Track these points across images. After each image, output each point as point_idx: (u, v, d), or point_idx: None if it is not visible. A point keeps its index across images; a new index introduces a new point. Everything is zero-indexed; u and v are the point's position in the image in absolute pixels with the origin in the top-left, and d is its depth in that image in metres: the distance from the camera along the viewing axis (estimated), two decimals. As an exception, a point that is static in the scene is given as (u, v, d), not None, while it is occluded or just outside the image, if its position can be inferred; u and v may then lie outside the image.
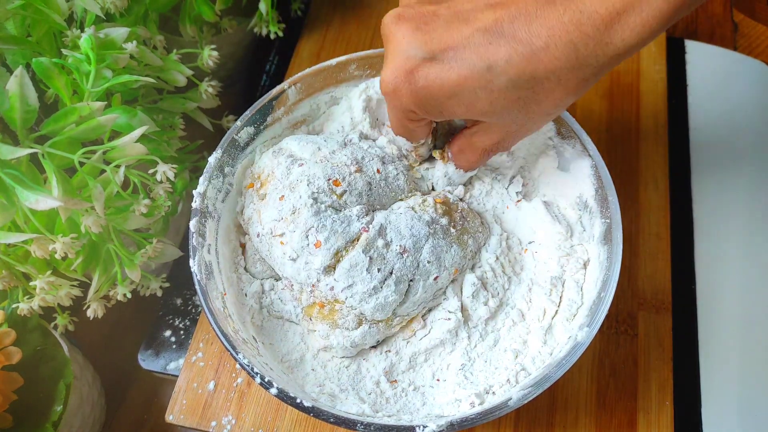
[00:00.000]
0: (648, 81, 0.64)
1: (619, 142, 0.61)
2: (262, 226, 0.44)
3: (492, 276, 0.45)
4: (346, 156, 0.45)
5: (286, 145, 0.46)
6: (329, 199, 0.43)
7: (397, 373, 0.44)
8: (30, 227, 0.42)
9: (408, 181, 0.46)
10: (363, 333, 0.42)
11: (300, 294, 0.43)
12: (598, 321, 0.40)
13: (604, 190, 0.44)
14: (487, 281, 0.45)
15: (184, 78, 0.52)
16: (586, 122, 0.62)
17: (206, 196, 0.45)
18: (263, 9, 0.60)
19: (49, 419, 0.46)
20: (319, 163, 0.44)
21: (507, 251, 0.47)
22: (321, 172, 0.43)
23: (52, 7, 0.45)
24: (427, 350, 0.44)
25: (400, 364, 0.44)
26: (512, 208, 0.48)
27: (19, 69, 0.41)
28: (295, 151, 0.45)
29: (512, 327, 0.44)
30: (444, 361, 0.44)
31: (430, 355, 0.44)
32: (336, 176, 0.43)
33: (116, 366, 0.58)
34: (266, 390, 0.38)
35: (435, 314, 0.45)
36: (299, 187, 0.43)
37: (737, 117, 0.63)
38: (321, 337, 0.43)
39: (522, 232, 0.48)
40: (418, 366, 0.44)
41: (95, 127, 0.43)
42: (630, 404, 0.49)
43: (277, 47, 0.71)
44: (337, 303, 0.42)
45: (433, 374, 0.44)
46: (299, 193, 0.43)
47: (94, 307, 0.47)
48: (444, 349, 0.44)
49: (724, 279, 0.55)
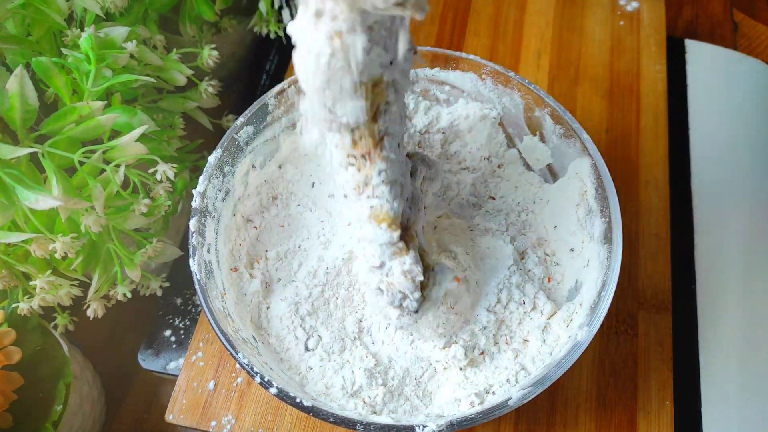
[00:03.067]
0: (648, 81, 0.64)
1: (619, 142, 0.61)
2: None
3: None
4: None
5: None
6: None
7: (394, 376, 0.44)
8: (30, 227, 0.42)
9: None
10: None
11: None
12: (598, 321, 0.40)
13: (604, 189, 0.44)
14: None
15: (184, 77, 0.52)
16: (586, 122, 0.62)
17: (206, 195, 0.45)
18: (263, 9, 0.60)
19: (49, 419, 0.46)
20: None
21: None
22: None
23: (52, 7, 0.45)
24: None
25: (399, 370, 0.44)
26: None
27: (19, 68, 0.41)
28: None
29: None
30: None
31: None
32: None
33: (116, 366, 0.58)
34: (266, 389, 0.38)
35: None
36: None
37: (737, 117, 0.63)
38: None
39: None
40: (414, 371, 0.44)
41: (95, 127, 0.43)
42: (630, 404, 0.49)
43: (277, 47, 0.71)
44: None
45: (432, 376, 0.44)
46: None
47: (94, 306, 0.47)
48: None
49: (724, 279, 0.55)
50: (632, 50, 0.66)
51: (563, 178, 0.48)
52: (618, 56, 0.66)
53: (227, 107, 0.63)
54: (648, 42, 0.66)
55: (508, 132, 0.52)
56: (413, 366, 0.44)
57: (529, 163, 0.52)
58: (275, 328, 0.45)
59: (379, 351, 0.45)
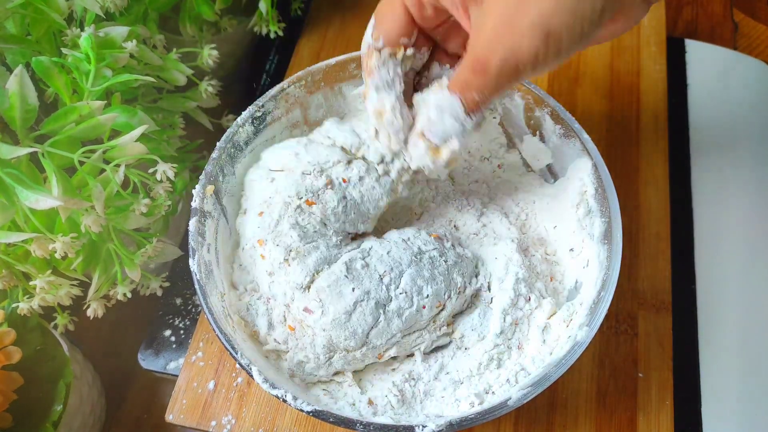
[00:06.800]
0: (648, 81, 0.64)
1: (619, 141, 0.61)
2: (246, 240, 0.44)
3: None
4: (309, 162, 0.43)
5: (264, 157, 0.46)
6: (308, 222, 0.42)
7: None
8: (30, 227, 0.42)
9: (381, 185, 0.44)
10: (331, 360, 0.42)
11: (273, 312, 0.43)
12: (598, 320, 0.40)
13: (604, 189, 0.44)
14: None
15: (183, 77, 0.52)
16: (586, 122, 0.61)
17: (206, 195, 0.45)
18: (263, 8, 0.60)
19: (49, 419, 0.46)
20: (290, 175, 0.43)
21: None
22: (293, 189, 0.42)
23: (52, 6, 0.45)
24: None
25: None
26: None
27: (19, 68, 0.41)
28: (271, 164, 0.45)
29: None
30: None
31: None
32: (308, 195, 0.42)
33: (116, 366, 0.58)
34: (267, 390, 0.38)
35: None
36: (275, 204, 0.43)
37: (737, 117, 0.63)
38: (289, 360, 0.42)
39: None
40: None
41: (95, 126, 0.43)
42: (630, 404, 0.49)
43: (277, 47, 0.71)
44: (308, 328, 0.41)
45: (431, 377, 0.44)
46: (278, 211, 0.42)
47: (94, 306, 0.47)
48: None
49: (724, 279, 0.55)
50: (632, 50, 0.66)
51: (563, 178, 0.48)
52: (618, 56, 0.66)
53: (227, 107, 0.63)
54: (648, 42, 0.66)
55: (508, 132, 0.52)
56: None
57: (529, 163, 0.52)
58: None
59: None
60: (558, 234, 0.47)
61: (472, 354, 0.43)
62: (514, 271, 0.44)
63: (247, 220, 0.44)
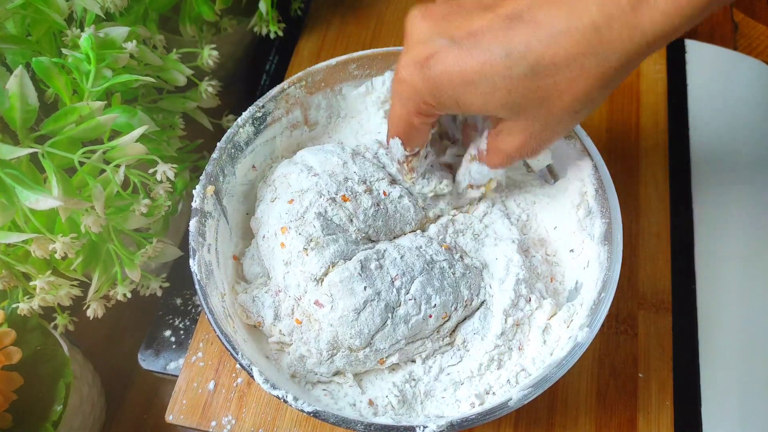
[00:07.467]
0: (648, 81, 0.64)
1: (619, 142, 0.61)
2: (268, 228, 0.44)
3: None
4: (356, 173, 0.44)
5: (301, 156, 0.47)
6: (336, 213, 0.43)
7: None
8: (30, 227, 0.42)
9: (417, 211, 0.45)
10: (333, 357, 0.42)
11: (281, 304, 0.43)
12: (599, 321, 0.40)
13: (604, 190, 0.44)
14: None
15: (184, 77, 0.52)
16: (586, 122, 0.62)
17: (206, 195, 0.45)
18: (263, 9, 0.60)
19: (49, 419, 0.46)
20: (333, 176, 0.44)
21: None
22: (334, 186, 0.43)
23: (52, 7, 0.45)
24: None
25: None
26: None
27: (19, 68, 0.41)
28: (310, 163, 0.46)
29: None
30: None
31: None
32: (346, 192, 0.43)
33: (116, 366, 0.58)
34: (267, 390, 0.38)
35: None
36: (309, 194, 0.43)
37: (737, 117, 0.63)
38: (291, 353, 0.42)
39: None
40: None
41: (95, 127, 0.43)
42: (630, 404, 0.49)
43: (277, 47, 0.71)
44: (315, 322, 0.42)
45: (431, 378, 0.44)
46: (309, 200, 0.43)
47: (94, 306, 0.47)
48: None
49: (724, 279, 0.55)
50: (632, 50, 0.66)
51: (563, 179, 0.48)
52: (618, 56, 0.65)
53: (227, 107, 0.63)
54: (648, 42, 0.66)
55: (508, 132, 0.52)
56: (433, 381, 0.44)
57: (530, 164, 0.51)
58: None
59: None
60: (558, 235, 0.48)
61: (472, 355, 0.43)
62: (515, 272, 0.44)
63: (273, 208, 0.44)
